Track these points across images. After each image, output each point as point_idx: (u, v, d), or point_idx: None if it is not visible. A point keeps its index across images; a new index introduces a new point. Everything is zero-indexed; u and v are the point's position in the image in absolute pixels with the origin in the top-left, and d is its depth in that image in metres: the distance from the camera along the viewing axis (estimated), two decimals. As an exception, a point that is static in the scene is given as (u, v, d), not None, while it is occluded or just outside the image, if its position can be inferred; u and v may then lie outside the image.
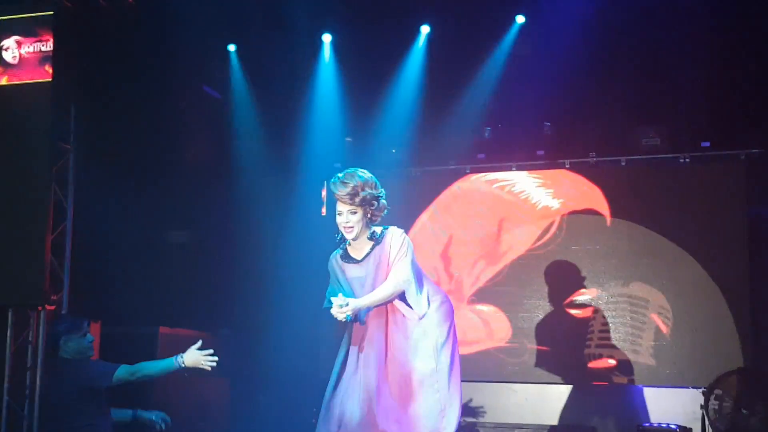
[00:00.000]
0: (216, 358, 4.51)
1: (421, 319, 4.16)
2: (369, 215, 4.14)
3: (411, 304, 4.16)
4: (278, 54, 7.95)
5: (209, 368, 4.52)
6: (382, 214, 4.22)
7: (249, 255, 8.19)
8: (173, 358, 4.87)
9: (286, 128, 8.32)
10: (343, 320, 4.05)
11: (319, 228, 8.13)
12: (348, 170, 4.18)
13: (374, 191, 4.14)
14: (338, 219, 4.16)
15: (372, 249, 4.20)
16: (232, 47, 8.20)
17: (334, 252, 4.34)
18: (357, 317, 4.13)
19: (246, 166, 8.59)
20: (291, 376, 7.77)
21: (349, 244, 4.26)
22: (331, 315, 4.14)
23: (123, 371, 5.00)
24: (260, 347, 7.83)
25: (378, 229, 4.23)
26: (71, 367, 5.12)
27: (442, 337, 4.17)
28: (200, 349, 4.90)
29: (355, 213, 4.11)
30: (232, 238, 8.21)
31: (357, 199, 4.09)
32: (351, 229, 4.13)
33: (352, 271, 4.25)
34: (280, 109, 8.32)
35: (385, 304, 4.17)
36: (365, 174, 4.16)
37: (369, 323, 4.19)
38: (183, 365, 4.74)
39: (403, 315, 4.17)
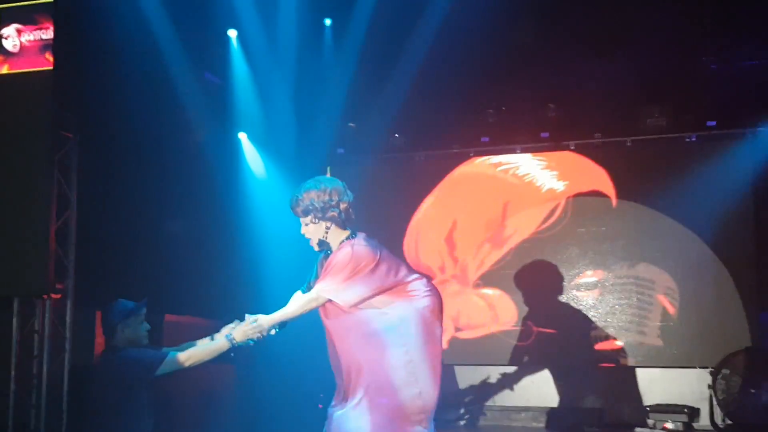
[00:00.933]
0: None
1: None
2: (327, 224, 4.00)
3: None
4: (279, 39, 7.90)
5: (259, 338, 4.29)
6: (343, 218, 3.99)
7: (253, 242, 8.17)
8: (223, 337, 4.39)
9: (288, 114, 8.28)
10: (258, 338, 4.11)
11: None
12: (304, 183, 4.09)
13: (320, 200, 4.00)
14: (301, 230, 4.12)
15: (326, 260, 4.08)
16: (233, 33, 8.16)
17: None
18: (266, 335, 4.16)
19: (249, 152, 8.57)
20: (296, 363, 7.76)
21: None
22: None
23: (172, 361, 4.49)
24: (265, 334, 7.80)
25: (346, 236, 4.03)
26: (119, 358, 4.60)
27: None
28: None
29: (307, 225, 4.04)
30: (236, 225, 8.19)
31: (299, 210, 4.03)
32: (311, 241, 4.09)
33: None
34: (282, 95, 8.28)
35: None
36: (320, 183, 4.04)
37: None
38: (235, 343, 4.34)
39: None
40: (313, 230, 4.03)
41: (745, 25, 7.11)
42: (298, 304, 4.17)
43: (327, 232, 4.01)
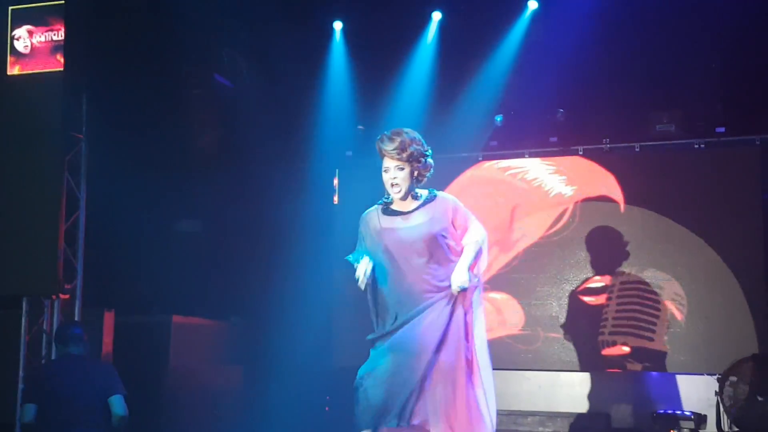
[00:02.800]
0: None
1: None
2: (416, 174, 4.02)
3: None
4: (290, 41, 7.92)
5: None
6: (428, 174, 4.09)
7: (261, 243, 8.19)
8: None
9: (297, 116, 8.30)
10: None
11: (331, 216, 8.13)
12: (393, 128, 4.07)
13: (421, 148, 4.03)
14: (384, 176, 4.01)
15: (421, 206, 4.06)
16: (244, 35, 8.17)
17: (370, 208, 4.16)
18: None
19: (257, 155, 8.59)
20: (303, 363, 7.78)
21: (392, 202, 4.10)
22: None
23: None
24: (273, 335, 7.84)
25: (423, 192, 4.10)
26: (94, 365, 5.08)
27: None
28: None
29: (403, 169, 3.98)
30: (245, 226, 8.21)
31: (404, 155, 3.96)
32: (398, 186, 3.99)
33: (392, 222, 4.05)
34: (292, 98, 8.30)
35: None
36: (412, 131, 4.05)
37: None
38: None
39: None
40: (404, 176, 3.99)
41: (755, 31, 7.09)
42: (474, 245, 4.19)
43: (412, 181, 4.02)
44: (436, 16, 7.91)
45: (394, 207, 4.10)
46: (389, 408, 3.89)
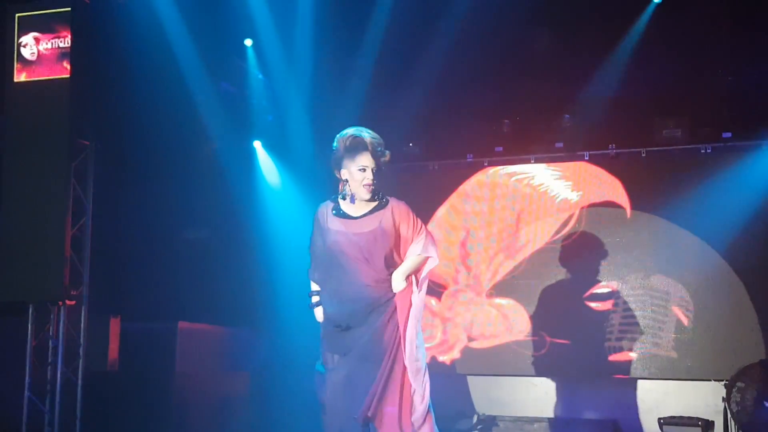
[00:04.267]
0: None
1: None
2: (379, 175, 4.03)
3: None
4: (294, 48, 7.94)
5: None
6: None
7: (267, 249, 8.19)
8: None
9: (303, 123, 8.31)
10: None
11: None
12: (354, 127, 4.07)
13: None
14: (359, 175, 3.97)
15: (373, 211, 4.04)
16: (248, 42, 8.20)
17: (325, 202, 4.19)
18: None
19: (264, 162, 8.60)
20: (310, 369, 7.76)
21: (343, 199, 4.09)
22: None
23: None
24: (279, 341, 7.84)
25: (377, 198, 4.08)
26: None
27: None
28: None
29: (376, 170, 3.99)
30: (251, 232, 8.22)
31: (382, 153, 4.01)
32: (370, 188, 3.99)
33: (340, 224, 4.07)
34: (297, 103, 8.31)
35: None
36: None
37: None
38: None
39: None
40: (375, 177, 4.00)
41: (762, 36, 7.08)
42: (418, 258, 4.10)
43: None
44: (442, 22, 7.91)
45: (344, 208, 4.09)
46: (351, 415, 3.99)
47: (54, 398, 6.15)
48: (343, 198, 4.08)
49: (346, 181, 4.05)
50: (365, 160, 3.97)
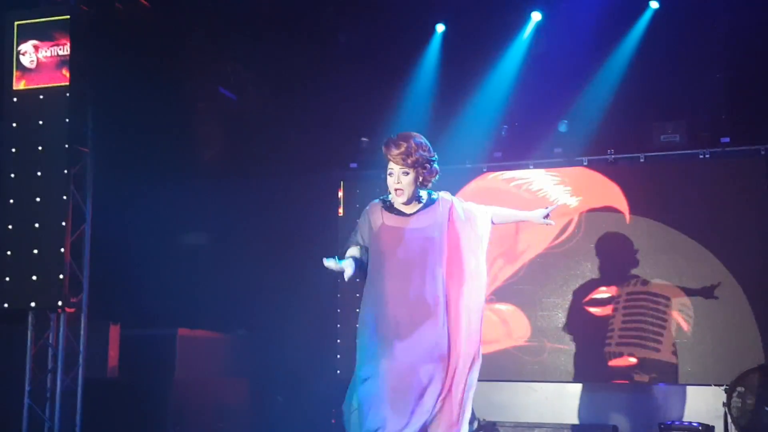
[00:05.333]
0: None
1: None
2: (421, 179, 4.00)
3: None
4: (293, 54, 7.95)
5: None
6: (434, 179, 4.08)
7: (266, 256, 8.19)
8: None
9: (301, 129, 8.32)
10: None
11: (336, 228, 8.13)
12: (401, 132, 4.05)
13: (427, 154, 4.00)
14: (389, 180, 3.99)
15: (423, 208, 4.05)
16: (248, 48, 8.20)
17: (374, 201, 4.15)
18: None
19: (262, 167, 8.61)
20: (309, 375, 7.77)
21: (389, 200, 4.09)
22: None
23: None
24: (278, 348, 7.84)
25: (424, 194, 4.09)
26: None
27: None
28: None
29: (407, 174, 3.96)
30: (249, 239, 8.22)
31: (410, 160, 3.94)
32: (401, 192, 3.98)
33: (394, 221, 4.03)
34: (296, 110, 8.32)
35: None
36: (419, 136, 4.05)
37: None
38: None
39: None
40: (409, 181, 3.96)
41: (760, 41, 7.09)
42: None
43: (416, 187, 4.01)
44: (440, 28, 7.94)
45: (397, 205, 4.07)
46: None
47: (54, 405, 6.15)
48: (388, 198, 4.10)
49: None
50: (391, 165, 4.00)
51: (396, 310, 3.93)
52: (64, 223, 6.13)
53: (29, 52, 6.34)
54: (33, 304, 6.16)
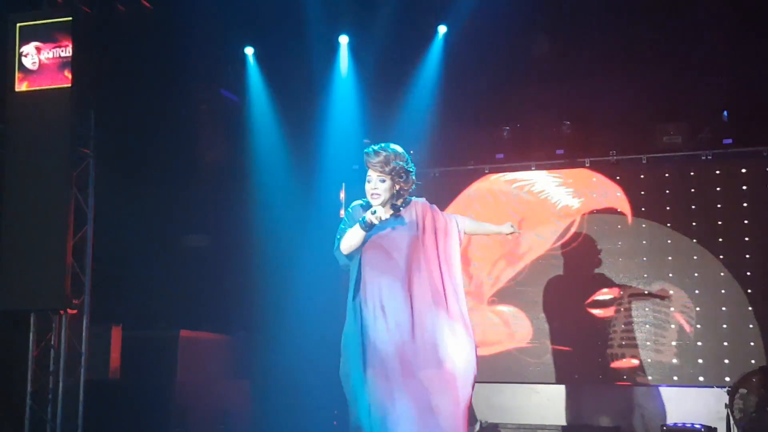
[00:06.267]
0: None
1: None
2: (398, 187, 4.21)
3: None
4: (295, 56, 7.95)
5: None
6: (410, 190, 4.29)
7: (267, 257, 8.19)
8: None
9: (304, 131, 8.32)
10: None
11: (338, 230, 8.12)
12: (383, 143, 4.28)
13: (405, 164, 4.23)
14: (366, 186, 4.22)
15: (396, 212, 4.25)
16: (249, 50, 8.22)
17: (354, 203, 4.38)
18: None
19: (264, 169, 8.61)
20: (310, 377, 7.76)
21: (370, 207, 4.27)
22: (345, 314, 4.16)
23: None
24: (279, 349, 7.84)
25: (401, 202, 4.29)
26: None
27: None
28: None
29: (384, 181, 4.18)
30: (251, 240, 8.22)
31: (387, 168, 4.16)
32: (378, 196, 4.18)
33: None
34: (298, 112, 8.32)
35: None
36: (398, 148, 4.26)
37: None
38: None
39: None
40: (385, 187, 4.18)
41: (762, 42, 7.09)
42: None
43: (392, 193, 4.21)
44: (442, 29, 7.93)
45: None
46: None
47: (56, 407, 6.15)
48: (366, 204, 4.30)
49: None
50: (369, 172, 4.23)
51: (385, 302, 4.10)
52: (66, 225, 6.13)
53: (31, 54, 6.34)
54: (35, 306, 6.16)
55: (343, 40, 8.21)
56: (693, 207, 7.38)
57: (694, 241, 7.35)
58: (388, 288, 4.10)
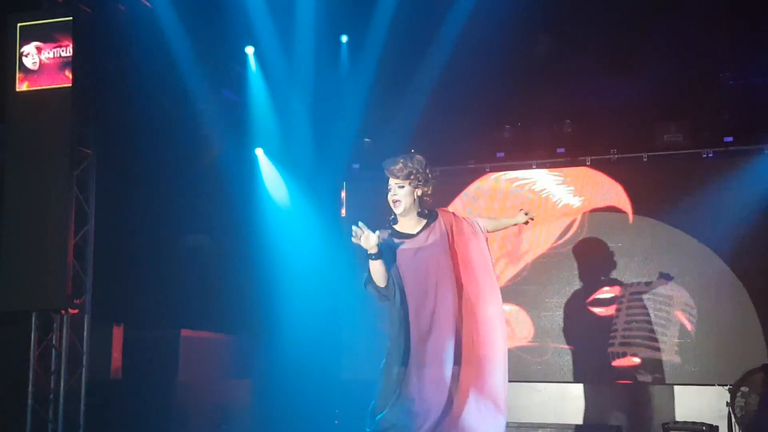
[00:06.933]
0: None
1: None
2: (419, 192, 4.23)
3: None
4: (296, 55, 7.96)
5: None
6: (427, 196, 4.29)
7: (269, 257, 8.19)
8: None
9: (304, 130, 8.32)
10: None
11: (338, 229, 8.14)
12: (402, 153, 4.32)
13: (422, 168, 4.24)
14: (389, 195, 4.24)
15: (427, 225, 4.26)
16: (250, 50, 8.22)
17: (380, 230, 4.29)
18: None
19: (264, 168, 8.61)
20: (312, 376, 7.77)
21: (397, 223, 4.29)
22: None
23: None
24: (281, 349, 7.84)
25: (427, 210, 4.31)
26: None
27: None
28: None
29: (403, 187, 4.20)
30: (252, 240, 8.22)
31: (404, 173, 4.18)
32: (398, 203, 4.20)
33: (403, 242, 4.23)
34: (299, 110, 8.32)
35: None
36: (417, 155, 4.28)
37: None
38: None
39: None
40: (404, 193, 4.20)
41: (763, 40, 7.08)
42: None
43: (414, 201, 4.21)
44: (442, 29, 7.93)
45: (400, 229, 4.26)
46: None
47: (57, 407, 6.15)
48: (393, 222, 4.30)
49: None
50: (390, 181, 4.25)
51: (415, 330, 4.09)
52: (67, 225, 6.13)
53: (32, 54, 6.34)
54: (36, 306, 6.16)
55: (344, 39, 8.21)
56: (694, 205, 7.36)
57: (695, 239, 7.34)
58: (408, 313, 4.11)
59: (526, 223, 4.45)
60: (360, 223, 3.99)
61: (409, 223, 4.25)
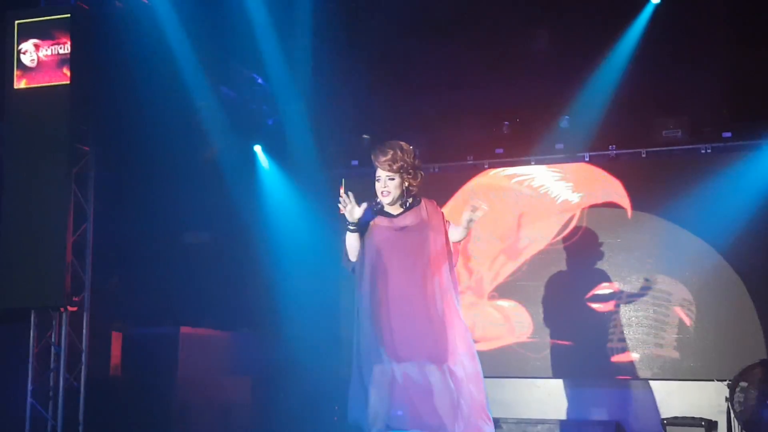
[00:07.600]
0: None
1: None
2: (407, 184, 4.29)
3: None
4: (294, 51, 7.95)
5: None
6: (419, 186, 4.35)
7: (268, 254, 8.20)
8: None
9: (303, 126, 8.32)
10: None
11: (338, 225, 8.13)
12: (389, 141, 4.36)
13: (412, 160, 4.30)
14: (377, 185, 4.31)
15: (409, 208, 4.35)
16: (250, 49, 8.20)
17: (363, 203, 4.41)
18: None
19: (264, 166, 8.61)
20: (312, 374, 7.77)
21: (382, 212, 4.38)
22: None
23: None
24: (281, 346, 7.84)
25: (411, 199, 4.37)
26: None
27: None
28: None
29: (393, 179, 4.26)
30: (252, 237, 8.22)
31: (395, 166, 4.24)
32: (388, 194, 4.27)
33: (381, 221, 4.34)
34: (297, 107, 8.31)
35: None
36: (405, 144, 4.33)
37: None
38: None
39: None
40: (395, 185, 4.27)
41: (762, 36, 7.08)
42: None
43: (403, 190, 4.29)
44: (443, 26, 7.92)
45: (386, 209, 4.37)
46: None
47: (57, 404, 6.16)
48: (377, 205, 4.39)
49: None
50: (378, 171, 4.31)
51: (388, 304, 4.24)
52: (66, 222, 6.13)
53: (30, 51, 6.34)
54: (35, 304, 6.16)
55: (342, 35, 8.20)
56: (693, 200, 7.36)
57: (694, 234, 7.35)
58: (380, 289, 4.23)
59: (472, 218, 4.38)
60: (349, 193, 4.14)
61: (392, 207, 4.36)
